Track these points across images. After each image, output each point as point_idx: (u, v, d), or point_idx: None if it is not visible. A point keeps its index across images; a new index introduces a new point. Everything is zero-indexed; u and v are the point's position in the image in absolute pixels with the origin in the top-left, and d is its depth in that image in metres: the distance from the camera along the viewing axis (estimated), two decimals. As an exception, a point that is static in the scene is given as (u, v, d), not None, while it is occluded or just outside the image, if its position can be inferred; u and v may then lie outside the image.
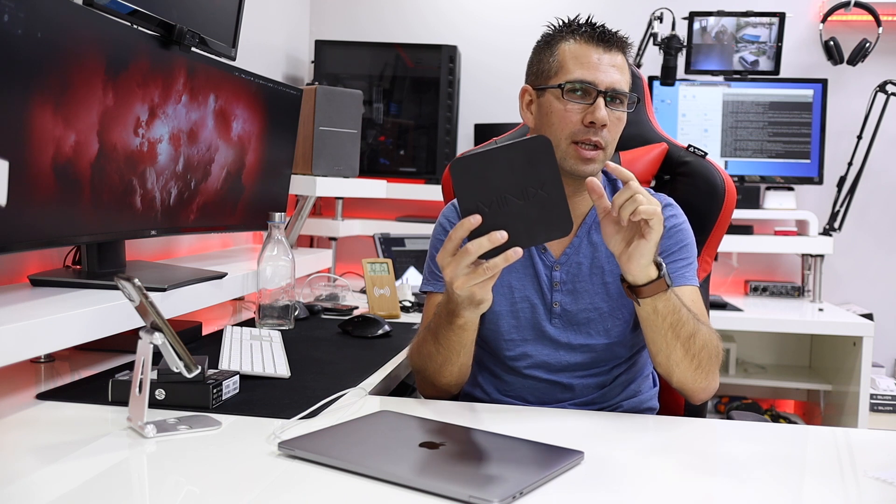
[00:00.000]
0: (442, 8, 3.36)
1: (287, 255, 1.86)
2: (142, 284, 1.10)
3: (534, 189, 1.12)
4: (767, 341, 3.20)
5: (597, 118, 1.34)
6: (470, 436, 1.12)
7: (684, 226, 1.47)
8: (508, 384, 1.48)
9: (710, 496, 1.00)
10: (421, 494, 0.92)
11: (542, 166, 1.12)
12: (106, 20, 1.46)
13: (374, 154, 3.14)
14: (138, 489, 0.97)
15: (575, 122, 1.36)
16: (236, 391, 1.32)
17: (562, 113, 1.37)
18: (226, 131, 1.90)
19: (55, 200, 1.36)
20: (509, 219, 1.12)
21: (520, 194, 1.12)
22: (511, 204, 1.12)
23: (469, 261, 1.14)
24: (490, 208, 1.12)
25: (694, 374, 1.32)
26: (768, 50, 3.08)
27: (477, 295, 1.19)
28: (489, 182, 1.12)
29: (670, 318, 1.26)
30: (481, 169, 1.12)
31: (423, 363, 1.38)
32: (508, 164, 1.11)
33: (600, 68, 1.36)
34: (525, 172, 1.12)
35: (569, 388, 1.45)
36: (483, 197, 1.12)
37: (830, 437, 1.27)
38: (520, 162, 1.12)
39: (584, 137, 1.35)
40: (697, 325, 1.30)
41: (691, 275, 1.44)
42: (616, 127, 1.39)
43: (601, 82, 1.35)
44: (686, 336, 1.28)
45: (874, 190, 3.16)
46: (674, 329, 1.27)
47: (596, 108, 1.34)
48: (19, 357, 1.22)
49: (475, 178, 1.12)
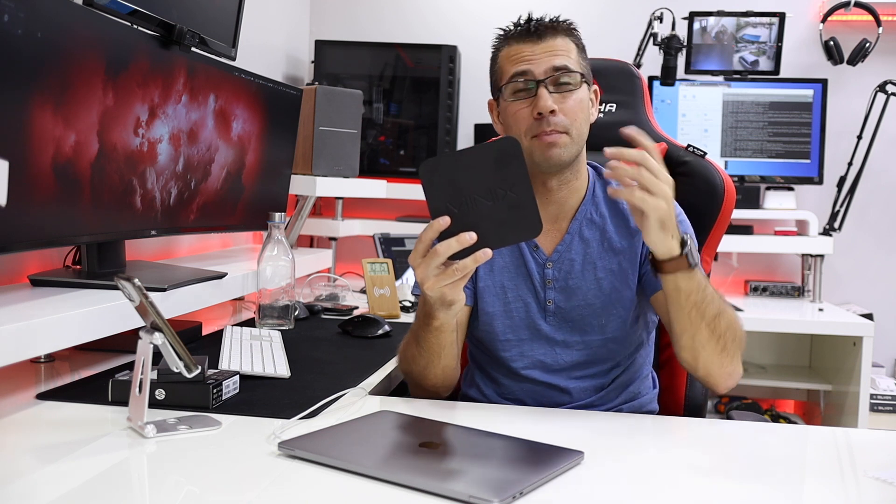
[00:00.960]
0: (442, 8, 3.36)
1: (287, 255, 1.86)
2: (142, 284, 1.10)
3: (502, 190, 1.13)
4: (767, 341, 3.20)
5: (540, 107, 1.34)
6: (470, 436, 1.12)
7: (680, 217, 1.45)
8: (506, 387, 1.47)
9: (710, 496, 1.00)
10: (421, 494, 0.92)
11: (511, 167, 1.12)
12: (106, 20, 1.46)
13: (374, 154, 3.14)
14: (138, 489, 0.97)
15: (527, 118, 1.37)
16: (236, 391, 1.32)
17: (515, 114, 1.38)
18: (226, 131, 1.90)
19: (55, 200, 1.36)
20: (478, 220, 1.13)
21: (488, 195, 1.13)
22: (480, 205, 1.13)
23: (438, 262, 1.14)
24: (459, 209, 1.12)
25: (721, 358, 1.31)
26: (768, 50, 3.08)
27: (448, 295, 1.19)
28: (457, 183, 1.12)
29: (694, 297, 1.25)
30: (450, 170, 1.12)
31: (408, 366, 1.40)
32: (477, 166, 1.12)
33: (533, 58, 1.37)
34: (493, 173, 1.12)
35: (566, 392, 1.44)
36: (452, 198, 1.13)
37: (830, 437, 1.27)
38: (488, 163, 1.12)
39: (539, 130, 1.35)
40: (723, 305, 1.29)
41: None
42: (573, 109, 1.37)
43: (537, 70, 1.36)
44: (711, 316, 1.27)
45: (874, 190, 3.16)
46: (698, 308, 1.26)
47: (539, 97, 1.35)
48: (19, 357, 1.22)
49: (444, 179, 1.12)
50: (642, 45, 2.99)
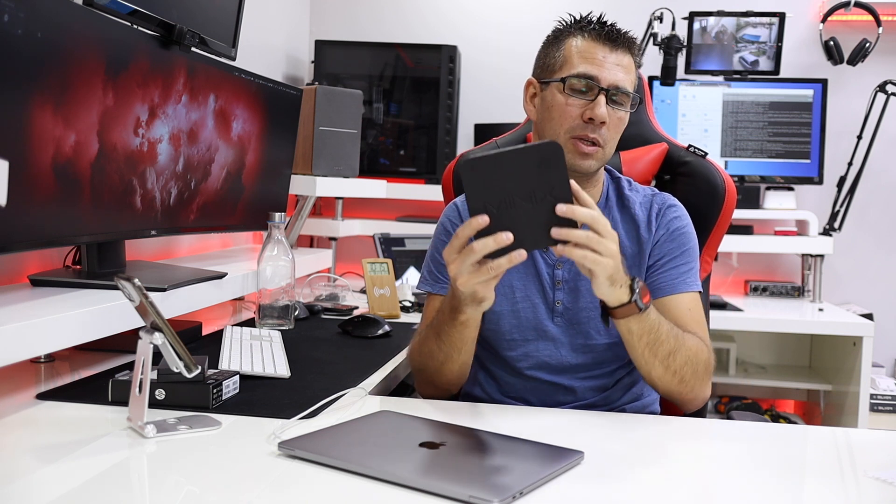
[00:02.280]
0: (442, 8, 3.36)
1: (287, 255, 1.86)
2: (142, 284, 1.10)
3: (542, 193, 1.12)
4: (767, 341, 3.20)
5: (596, 115, 1.35)
6: (470, 436, 1.12)
7: (687, 229, 1.46)
8: (510, 385, 1.48)
9: (710, 496, 1.00)
10: (421, 494, 0.92)
11: (552, 171, 1.12)
12: (106, 20, 1.46)
13: (374, 154, 3.14)
14: (138, 489, 0.97)
15: (575, 117, 1.37)
16: (236, 391, 1.31)
17: (563, 107, 1.38)
18: (226, 131, 1.90)
19: (55, 200, 1.36)
20: (516, 221, 1.12)
21: (528, 197, 1.12)
22: (518, 206, 1.12)
23: (474, 259, 1.14)
24: (497, 209, 1.12)
25: (678, 388, 1.33)
26: (768, 50, 3.08)
27: (479, 293, 1.19)
28: (498, 183, 1.11)
29: (646, 338, 1.27)
30: (491, 170, 1.11)
31: (423, 362, 1.38)
32: (518, 167, 1.11)
33: (604, 65, 1.37)
34: (534, 176, 1.11)
35: (571, 391, 1.45)
36: (491, 198, 1.12)
37: (830, 437, 1.27)
38: (530, 165, 1.11)
39: (583, 133, 1.36)
40: (680, 343, 1.31)
41: (693, 280, 1.43)
42: (616, 126, 1.39)
43: (604, 79, 1.36)
44: (664, 354, 1.29)
45: (874, 190, 3.16)
46: (651, 348, 1.28)
47: (596, 104, 1.35)
48: (19, 357, 1.22)
49: (484, 178, 1.11)
50: (642, 45, 2.99)
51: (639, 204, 1.48)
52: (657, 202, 1.48)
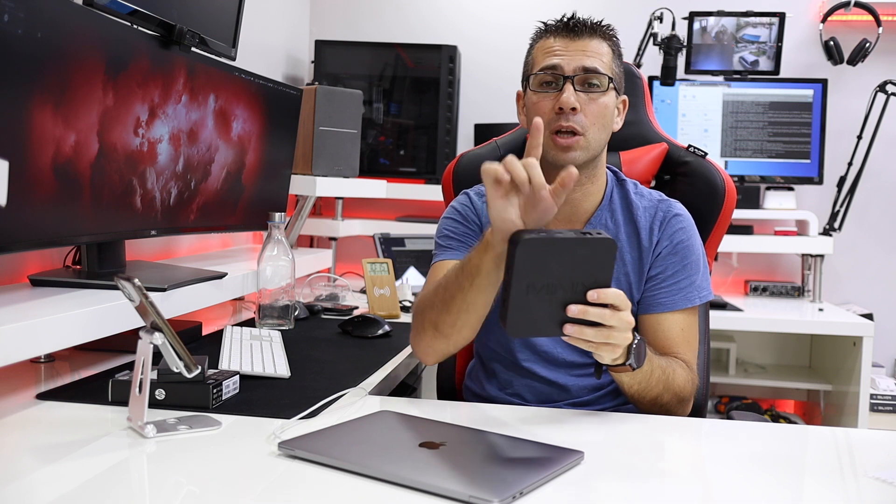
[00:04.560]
0: (442, 8, 3.36)
1: (287, 255, 1.86)
2: (142, 284, 1.10)
3: (584, 286, 1.12)
4: (767, 341, 3.20)
5: (562, 102, 1.35)
6: (470, 436, 1.12)
7: (690, 241, 1.44)
8: (506, 382, 1.48)
9: (710, 496, 1.00)
10: (421, 494, 0.92)
11: (601, 268, 1.13)
12: (106, 20, 1.46)
13: (374, 154, 3.14)
14: (138, 489, 0.97)
15: (547, 112, 1.37)
16: (236, 391, 1.32)
17: (536, 105, 1.39)
18: (226, 131, 1.90)
19: (55, 200, 1.36)
20: (552, 307, 1.12)
21: (570, 287, 1.12)
22: (559, 293, 1.12)
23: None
24: (539, 293, 1.11)
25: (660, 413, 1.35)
26: (768, 50, 3.08)
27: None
28: (549, 267, 1.11)
29: (637, 387, 1.29)
30: (547, 254, 1.11)
31: (431, 300, 1.31)
32: (573, 256, 1.11)
33: (566, 54, 1.37)
34: (584, 268, 1.12)
35: (565, 389, 1.45)
36: (537, 280, 1.11)
37: (830, 437, 1.27)
38: (583, 257, 1.12)
39: (557, 125, 1.36)
40: (669, 383, 1.32)
41: (693, 294, 1.42)
42: (594, 111, 1.37)
43: (566, 66, 1.37)
44: (653, 396, 1.32)
45: (874, 190, 3.16)
46: (641, 393, 1.31)
47: (562, 92, 1.36)
48: (19, 357, 1.22)
49: (539, 261, 1.11)
50: (642, 45, 2.99)
51: (643, 209, 1.46)
52: (662, 210, 1.46)
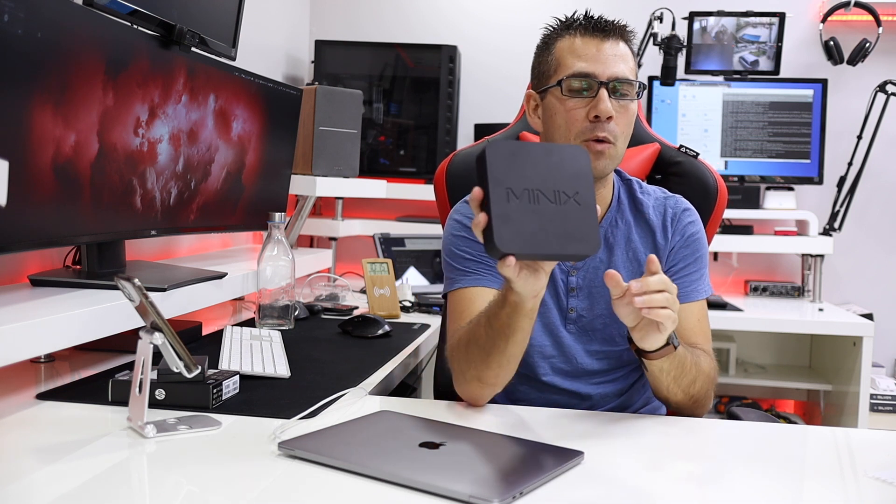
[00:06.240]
0: (442, 8, 3.36)
1: (287, 255, 1.86)
2: (142, 284, 1.10)
3: (566, 196, 1.06)
4: (767, 341, 3.20)
5: (600, 111, 1.29)
6: (470, 436, 1.12)
7: (700, 234, 1.45)
8: (526, 401, 1.42)
9: (710, 496, 1.00)
10: (421, 494, 0.92)
11: (579, 176, 1.07)
12: (106, 20, 1.46)
13: (374, 154, 3.14)
14: (138, 489, 0.97)
15: (580, 120, 1.31)
16: (236, 391, 1.31)
17: (564, 112, 1.33)
18: (226, 131, 1.90)
19: (55, 200, 1.36)
20: (540, 217, 1.05)
21: (553, 196, 1.06)
22: (542, 203, 1.05)
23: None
24: (520, 199, 1.04)
25: (691, 408, 1.34)
26: (768, 50, 3.08)
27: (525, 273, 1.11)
28: (524, 171, 1.05)
29: (674, 373, 1.27)
30: (518, 157, 1.05)
31: (468, 353, 1.27)
32: (546, 163, 1.06)
33: (599, 58, 1.31)
34: (560, 176, 1.06)
35: (587, 398, 1.43)
36: (515, 184, 1.04)
37: (830, 437, 1.27)
38: (556, 164, 1.07)
39: (592, 135, 1.30)
40: (699, 369, 1.30)
41: (703, 286, 1.43)
42: (624, 118, 1.33)
43: (602, 73, 1.31)
44: (687, 384, 1.29)
45: (874, 190, 3.16)
46: (676, 380, 1.28)
47: (599, 100, 1.30)
48: (19, 357, 1.22)
49: (511, 164, 1.05)
50: (642, 45, 2.99)
51: (652, 208, 1.44)
52: (670, 206, 1.45)
